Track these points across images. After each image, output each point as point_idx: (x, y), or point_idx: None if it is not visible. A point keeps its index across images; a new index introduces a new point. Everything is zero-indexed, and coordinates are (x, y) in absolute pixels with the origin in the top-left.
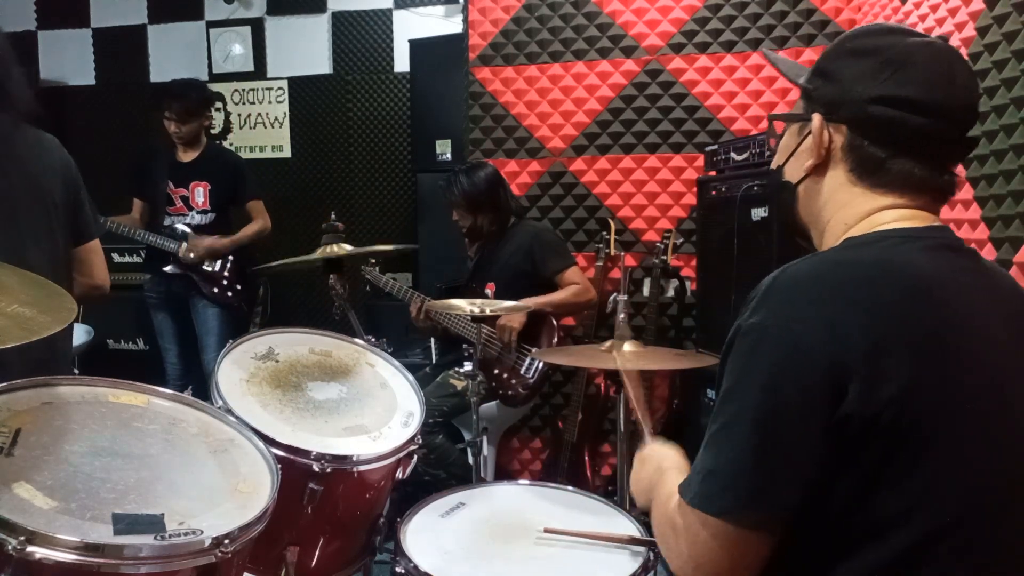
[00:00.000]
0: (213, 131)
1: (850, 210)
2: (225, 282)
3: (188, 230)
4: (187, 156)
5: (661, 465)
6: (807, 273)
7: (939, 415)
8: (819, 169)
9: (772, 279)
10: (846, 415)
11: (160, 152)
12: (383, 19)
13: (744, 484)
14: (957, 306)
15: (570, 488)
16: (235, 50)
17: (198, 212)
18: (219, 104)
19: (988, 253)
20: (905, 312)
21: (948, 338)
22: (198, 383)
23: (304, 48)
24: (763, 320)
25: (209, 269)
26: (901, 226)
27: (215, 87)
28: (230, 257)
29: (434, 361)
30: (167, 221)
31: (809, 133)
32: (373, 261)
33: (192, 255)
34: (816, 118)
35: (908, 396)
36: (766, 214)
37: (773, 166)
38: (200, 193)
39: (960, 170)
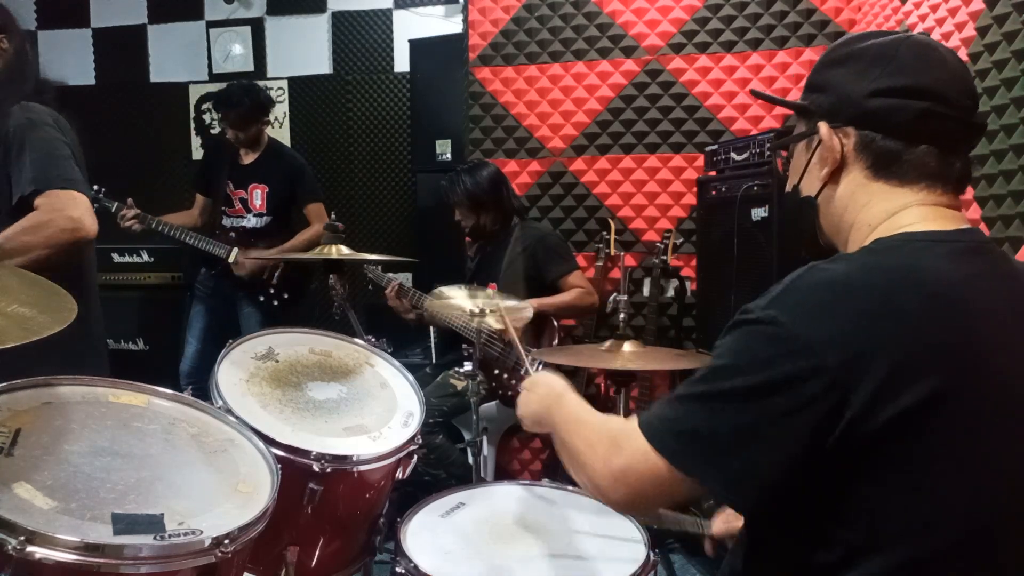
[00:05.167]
0: (212, 131)
1: (872, 209)
2: (272, 290)
3: (236, 250)
4: (248, 158)
5: (553, 387)
6: (829, 278)
7: (955, 428)
8: (835, 176)
9: (796, 277)
10: (850, 423)
11: (225, 149)
12: (383, 19)
13: (725, 464)
14: (979, 314)
15: (570, 488)
16: (235, 50)
17: (255, 215)
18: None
19: None
20: (924, 322)
21: (968, 347)
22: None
23: (304, 48)
24: (777, 315)
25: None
26: (927, 228)
27: (214, 87)
28: (279, 265)
29: (434, 361)
30: (225, 222)
31: (818, 145)
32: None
33: (241, 273)
34: (823, 126)
35: (924, 408)
36: (766, 214)
37: (788, 188)
38: (258, 196)
39: None
